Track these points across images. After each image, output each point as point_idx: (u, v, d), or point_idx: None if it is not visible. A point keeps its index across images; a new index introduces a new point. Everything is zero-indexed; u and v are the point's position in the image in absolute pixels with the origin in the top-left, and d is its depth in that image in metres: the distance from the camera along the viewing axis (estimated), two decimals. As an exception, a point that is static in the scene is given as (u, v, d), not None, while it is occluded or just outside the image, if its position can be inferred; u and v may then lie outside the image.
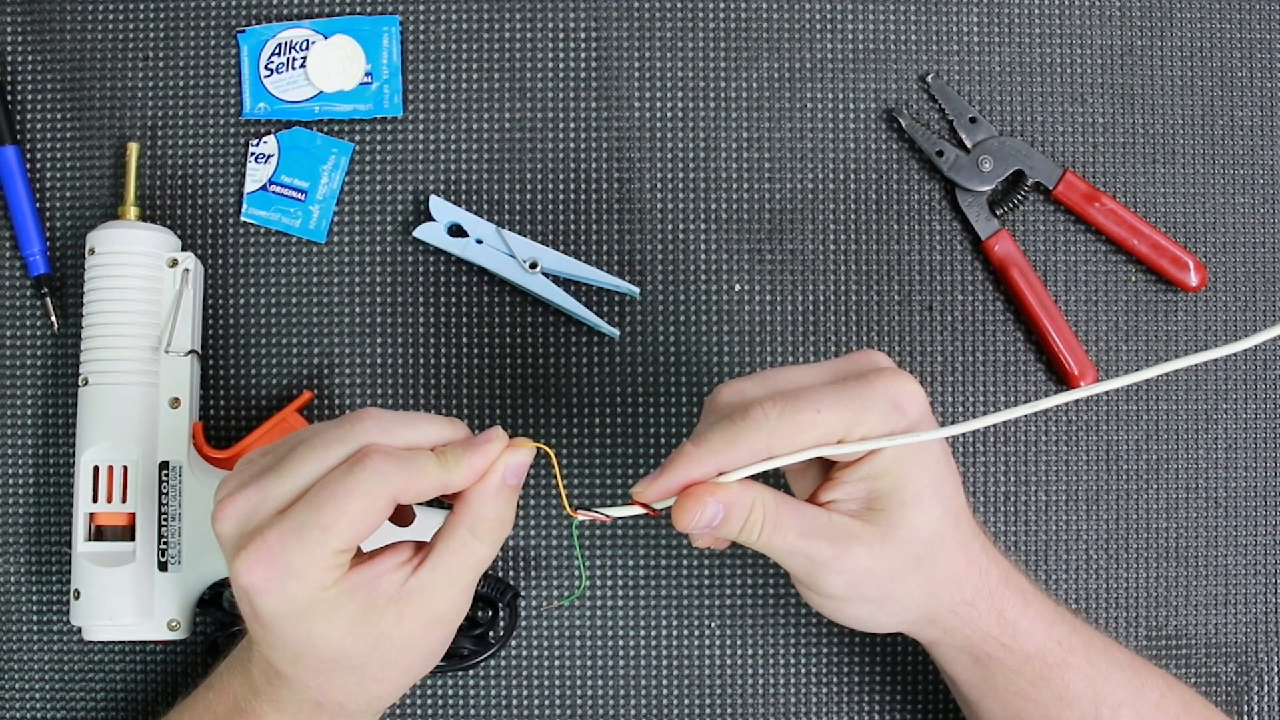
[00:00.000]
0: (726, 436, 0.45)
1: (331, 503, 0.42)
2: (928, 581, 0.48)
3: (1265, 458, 0.66)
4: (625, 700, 0.64)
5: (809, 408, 0.45)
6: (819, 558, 0.46)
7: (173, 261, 0.60)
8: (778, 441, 0.45)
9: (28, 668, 0.63)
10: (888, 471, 0.46)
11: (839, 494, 0.47)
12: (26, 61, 0.65)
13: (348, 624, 0.44)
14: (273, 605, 0.43)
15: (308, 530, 0.42)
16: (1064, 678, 0.51)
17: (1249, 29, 0.67)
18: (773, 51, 0.66)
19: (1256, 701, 0.65)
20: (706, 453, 0.45)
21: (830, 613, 0.50)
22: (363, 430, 0.44)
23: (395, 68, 0.65)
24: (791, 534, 0.46)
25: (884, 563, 0.47)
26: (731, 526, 0.46)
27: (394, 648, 0.45)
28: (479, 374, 0.64)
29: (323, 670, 0.46)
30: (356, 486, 0.42)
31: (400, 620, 0.45)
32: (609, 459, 0.64)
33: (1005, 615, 0.50)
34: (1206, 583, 0.65)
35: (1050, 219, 0.66)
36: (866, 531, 0.47)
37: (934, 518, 0.47)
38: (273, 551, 0.42)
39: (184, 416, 0.59)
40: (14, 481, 0.64)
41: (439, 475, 0.44)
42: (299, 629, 0.44)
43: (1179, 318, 0.66)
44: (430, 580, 0.45)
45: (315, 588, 0.43)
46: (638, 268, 0.65)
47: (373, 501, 0.43)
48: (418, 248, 0.64)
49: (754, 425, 0.45)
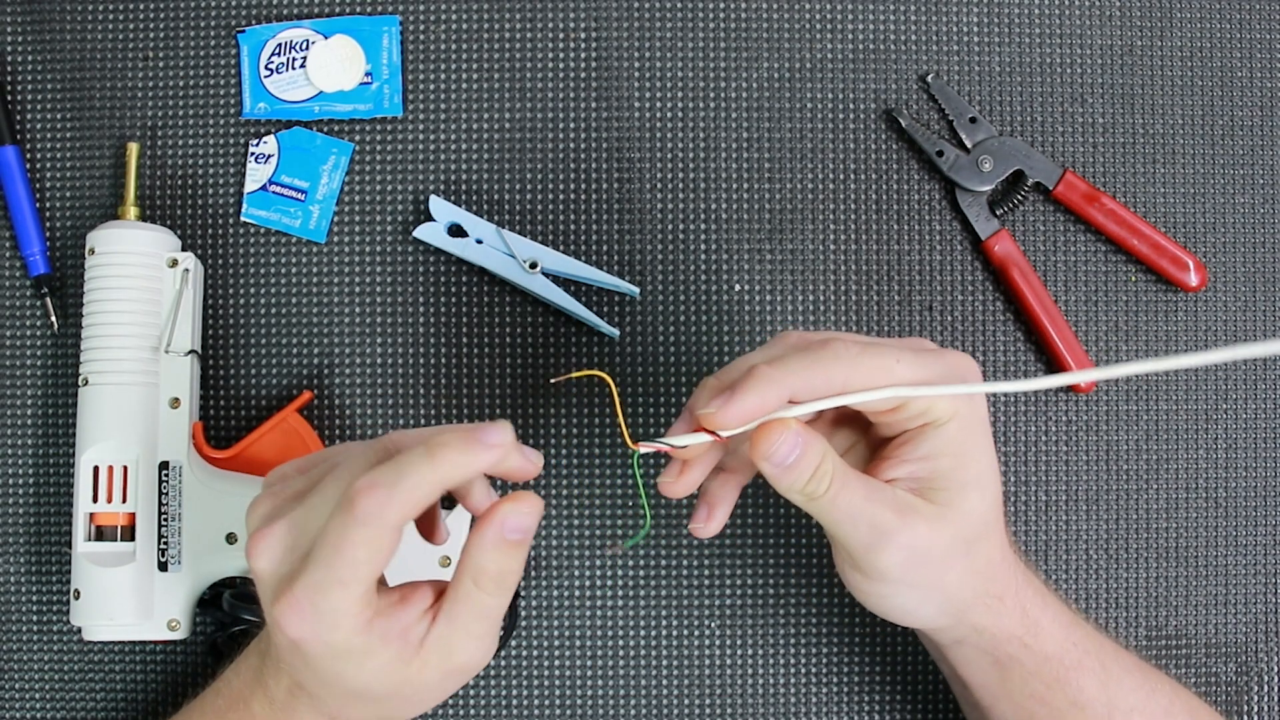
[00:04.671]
0: (805, 362, 0.44)
1: (338, 556, 0.41)
2: (971, 570, 0.48)
3: (1265, 458, 0.66)
4: (625, 700, 0.64)
5: (889, 355, 0.44)
6: (884, 526, 0.45)
7: (173, 261, 0.60)
8: (857, 376, 0.44)
9: (28, 668, 0.63)
10: (948, 452, 0.46)
11: (899, 472, 0.46)
12: (26, 61, 0.65)
13: (379, 668, 0.44)
14: (317, 651, 0.43)
15: (329, 586, 0.42)
16: (1079, 681, 0.51)
17: (1249, 29, 0.67)
18: (773, 51, 0.66)
19: (1256, 701, 0.65)
20: (784, 374, 0.43)
21: (873, 597, 0.49)
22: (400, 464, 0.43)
23: (395, 68, 0.65)
24: (859, 497, 0.45)
25: (941, 542, 0.46)
26: (803, 470, 0.44)
27: (414, 690, 0.45)
28: (479, 374, 0.64)
29: (348, 698, 0.46)
30: (354, 536, 0.41)
31: (424, 669, 0.45)
32: (609, 459, 0.64)
33: (1028, 613, 0.50)
34: (1206, 583, 0.65)
35: (1050, 219, 0.66)
36: (929, 509, 0.46)
37: (987, 502, 0.47)
38: (303, 608, 0.42)
39: (184, 416, 0.59)
40: (14, 481, 0.64)
41: (432, 480, 0.42)
42: (336, 665, 0.44)
43: (1179, 318, 0.66)
44: (446, 632, 0.44)
45: (350, 631, 0.43)
46: (638, 268, 0.65)
47: (376, 540, 0.41)
48: (418, 248, 0.64)
49: (835, 356, 0.44)
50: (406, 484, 0.41)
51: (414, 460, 0.41)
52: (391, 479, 0.41)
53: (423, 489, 0.41)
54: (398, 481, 0.41)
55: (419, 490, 0.41)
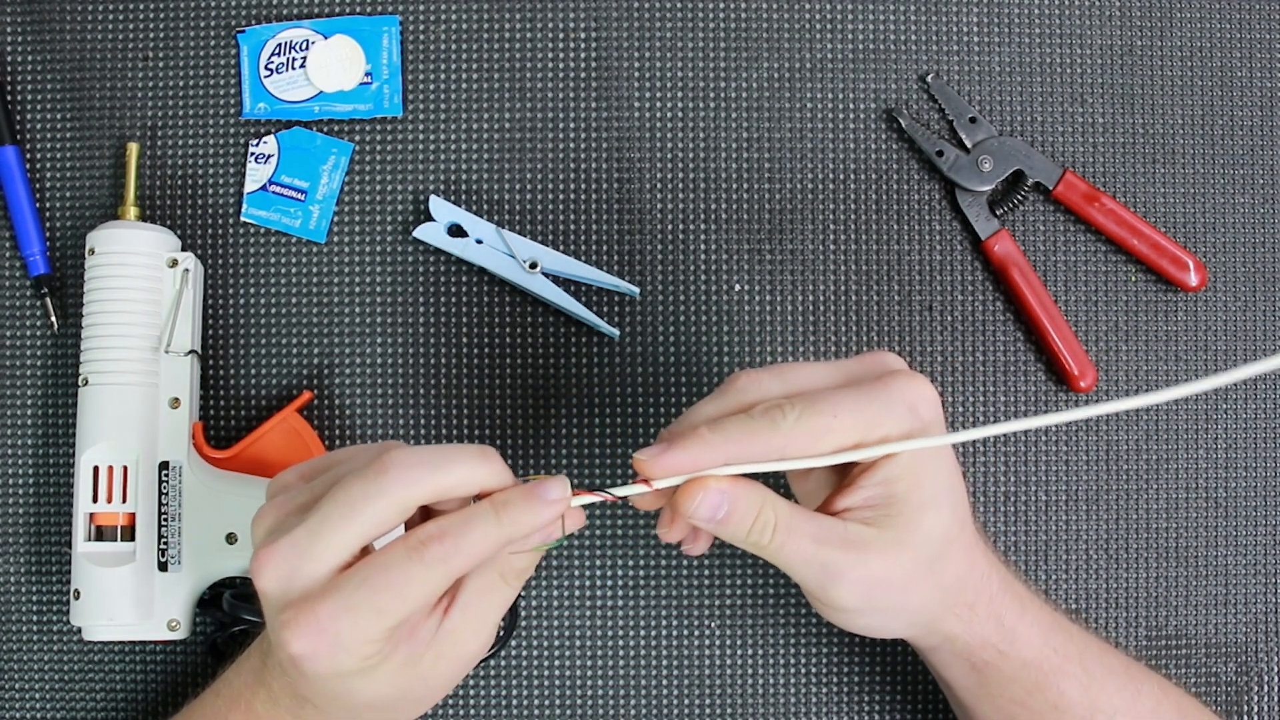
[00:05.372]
0: (745, 430, 0.44)
1: (389, 590, 0.41)
2: (938, 587, 0.48)
3: (1265, 458, 0.66)
4: (625, 700, 0.64)
5: (827, 412, 0.45)
6: (834, 566, 0.46)
7: (173, 261, 0.60)
8: (794, 444, 0.44)
9: (28, 668, 0.63)
10: (903, 475, 0.46)
11: (855, 500, 0.47)
12: (26, 61, 0.65)
13: (388, 677, 0.44)
14: (319, 669, 0.43)
15: (363, 612, 0.42)
16: (1059, 685, 0.51)
17: (1249, 29, 0.67)
18: (773, 51, 0.66)
19: (1256, 701, 0.65)
20: (722, 439, 0.44)
21: (841, 623, 0.49)
22: (391, 483, 0.42)
23: (395, 68, 0.65)
24: (807, 540, 0.45)
25: (899, 570, 0.46)
26: (738, 524, 0.45)
27: (426, 688, 0.45)
28: (479, 374, 0.64)
29: (355, 710, 0.46)
30: (416, 574, 0.42)
31: (436, 663, 0.44)
32: (609, 459, 0.64)
33: (1004, 621, 0.50)
34: (1206, 583, 0.65)
35: (1050, 219, 0.66)
36: (883, 538, 0.46)
37: (945, 521, 0.47)
38: (324, 627, 0.42)
39: (184, 416, 0.59)
40: (14, 481, 0.64)
41: (496, 537, 0.43)
42: (341, 684, 0.44)
43: (1179, 318, 0.66)
44: (461, 623, 0.44)
45: (362, 658, 0.43)
46: (638, 268, 0.65)
47: (432, 584, 0.42)
48: (418, 248, 0.64)
49: (772, 425, 0.44)
50: (473, 537, 0.43)
51: (481, 517, 0.43)
52: (462, 528, 0.43)
53: (487, 543, 0.43)
54: (467, 533, 0.43)
55: (483, 544, 0.43)
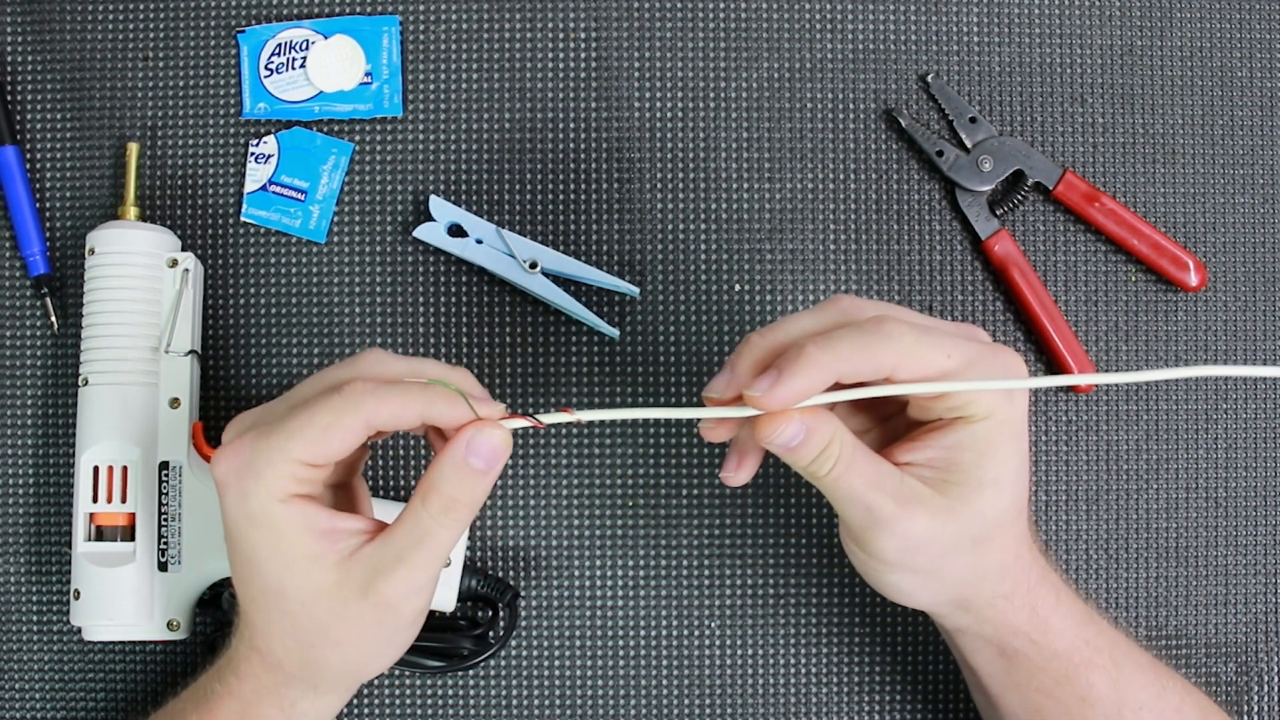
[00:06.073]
0: (857, 344, 0.43)
1: (303, 415, 0.44)
2: (976, 568, 0.47)
3: (1265, 458, 0.66)
4: (625, 700, 0.64)
5: (941, 348, 0.43)
6: (880, 513, 0.45)
7: (173, 261, 0.60)
8: (907, 363, 0.43)
9: (28, 668, 0.63)
10: (974, 448, 0.45)
11: (918, 455, 0.46)
12: (26, 61, 0.65)
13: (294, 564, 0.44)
14: (232, 505, 0.44)
15: (274, 434, 0.44)
16: (1089, 678, 0.51)
17: (1249, 29, 0.67)
18: (773, 51, 0.66)
19: (1256, 701, 0.65)
20: (833, 358, 0.42)
21: (870, 573, 0.48)
22: (360, 363, 0.46)
23: (395, 68, 0.65)
24: (860, 480, 0.44)
25: (942, 536, 0.45)
26: (807, 452, 0.44)
27: (346, 626, 0.45)
28: (479, 374, 0.64)
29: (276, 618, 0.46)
30: (328, 404, 0.43)
31: (347, 591, 0.44)
32: (609, 459, 0.64)
33: (1038, 611, 0.49)
34: (1206, 583, 0.65)
35: (1050, 219, 0.66)
36: (935, 501, 0.45)
37: (1003, 506, 0.46)
38: (241, 450, 0.44)
39: (184, 416, 0.59)
40: (14, 481, 0.64)
41: (417, 404, 0.44)
42: (251, 535, 0.44)
43: (1179, 318, 0.66)
44: (378, 553, 0.44)
45: (269, 495, 0.44)
46: (638, 268, 0.65)
47: (340, 418, 0.43)
48: (418, 248, 0.64)
49: (888, 340, 0.43)
50: (394, 393, 0.44)
51: (412, 387, 0.44)
52: (386, 384, 0.44)
53: (406, 405, 0.44)
54: (390, 388, 0.44)
55: (399, 406, 0.44)
